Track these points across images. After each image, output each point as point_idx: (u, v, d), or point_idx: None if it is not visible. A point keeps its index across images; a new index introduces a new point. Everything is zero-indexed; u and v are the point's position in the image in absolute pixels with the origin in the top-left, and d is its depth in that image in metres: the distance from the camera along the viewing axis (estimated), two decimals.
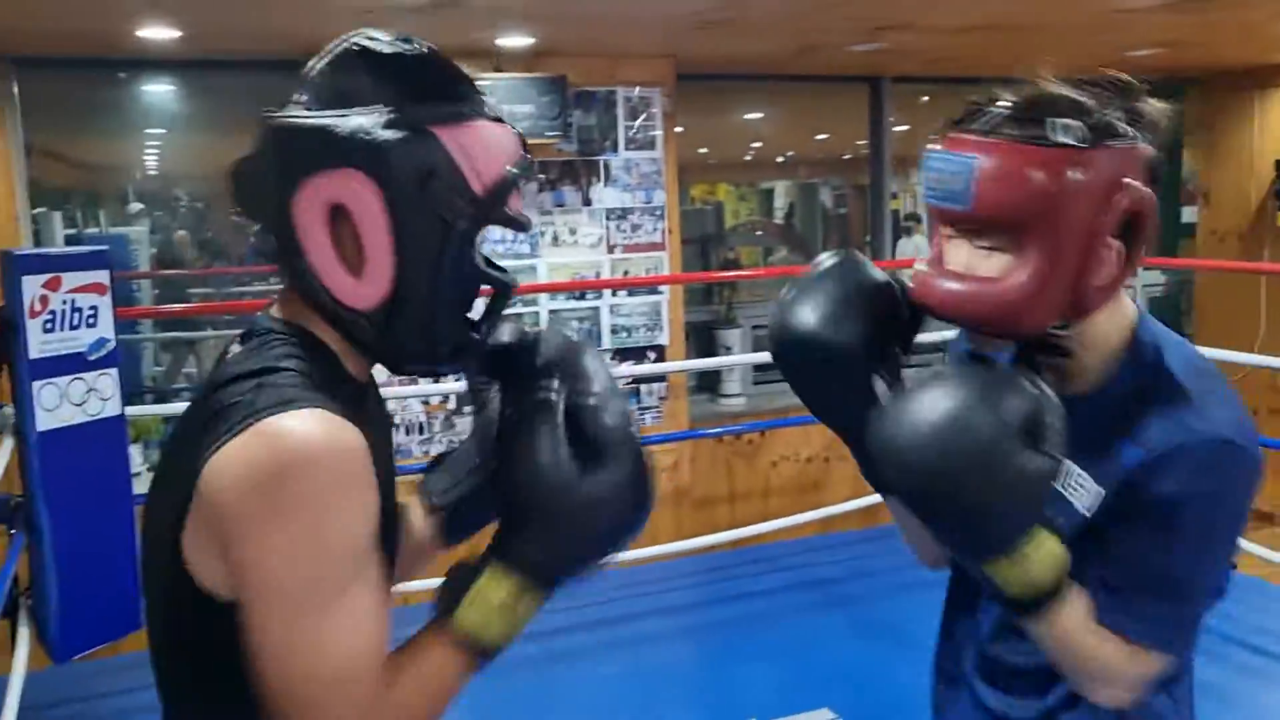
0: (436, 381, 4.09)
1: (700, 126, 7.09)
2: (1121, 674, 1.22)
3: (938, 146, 1.20)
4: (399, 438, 4.40)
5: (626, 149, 4.71)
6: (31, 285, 3.09)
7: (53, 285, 3.12)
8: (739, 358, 5.22)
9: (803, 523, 4.68)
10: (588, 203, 4.66)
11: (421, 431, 4.47)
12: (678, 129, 5.13)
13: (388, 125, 0.98)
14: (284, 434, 0.91)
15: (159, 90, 4.65)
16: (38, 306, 3.09)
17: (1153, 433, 1.19)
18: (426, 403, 4.45)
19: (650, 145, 4.75)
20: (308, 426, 0.92)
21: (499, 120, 1.05)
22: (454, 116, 1.01)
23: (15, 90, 4.02)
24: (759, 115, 7.41)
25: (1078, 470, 1.25)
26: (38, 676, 3.37)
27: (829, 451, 5.21)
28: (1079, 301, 1.18)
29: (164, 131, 5.80)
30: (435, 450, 4.45)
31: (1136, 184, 1.16)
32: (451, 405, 4.50)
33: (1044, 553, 1.15)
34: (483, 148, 1.01)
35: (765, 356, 4.87)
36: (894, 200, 12.15)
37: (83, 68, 4.25)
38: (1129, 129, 1.17)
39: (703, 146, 10.40)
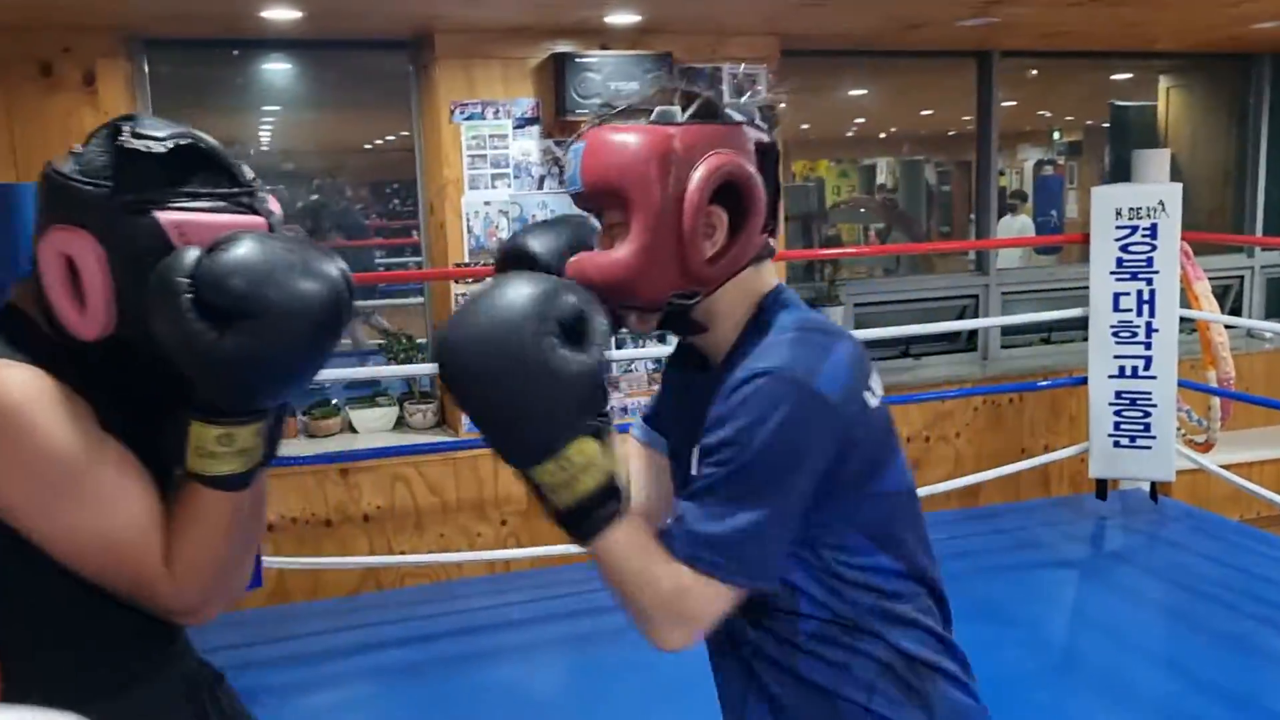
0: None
1: (802, 102, 7.05)
2: (677, 604, 1.21)
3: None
4: None
5: None
6: None
7: None
8: None
9: None
10: None
11: None
12: (780, 105, 5.12)
13: (122, 204, 1.16)
14: None
15: (277, 69, 4.80)
16: None
17: (731, 378, 1.23)
18: None
19: None
20: None
21: (244, 211, 1.23)
22: (180, 204, 1.18)
23: (145, 69, 4.21)
24: (862, 91, 7.33)
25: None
26: None
27: (929, 430, 5.18)
28: (691, 271, 1.25)
29: (280, 109, 5.98)
30: None
31: (727, 153, 1.23)
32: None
33: (588, 455, 1.18)
34: (207, 235, 1.17)
35: (870, 333, 4.84)
36: (1000, 177, 11.94)
37: (207, 47, 4.42)
38: (734, 114, 1.28)
39: (805, 123, 10.33)
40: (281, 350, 1.14)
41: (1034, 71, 6.87)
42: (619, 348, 4.62)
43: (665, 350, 4.69)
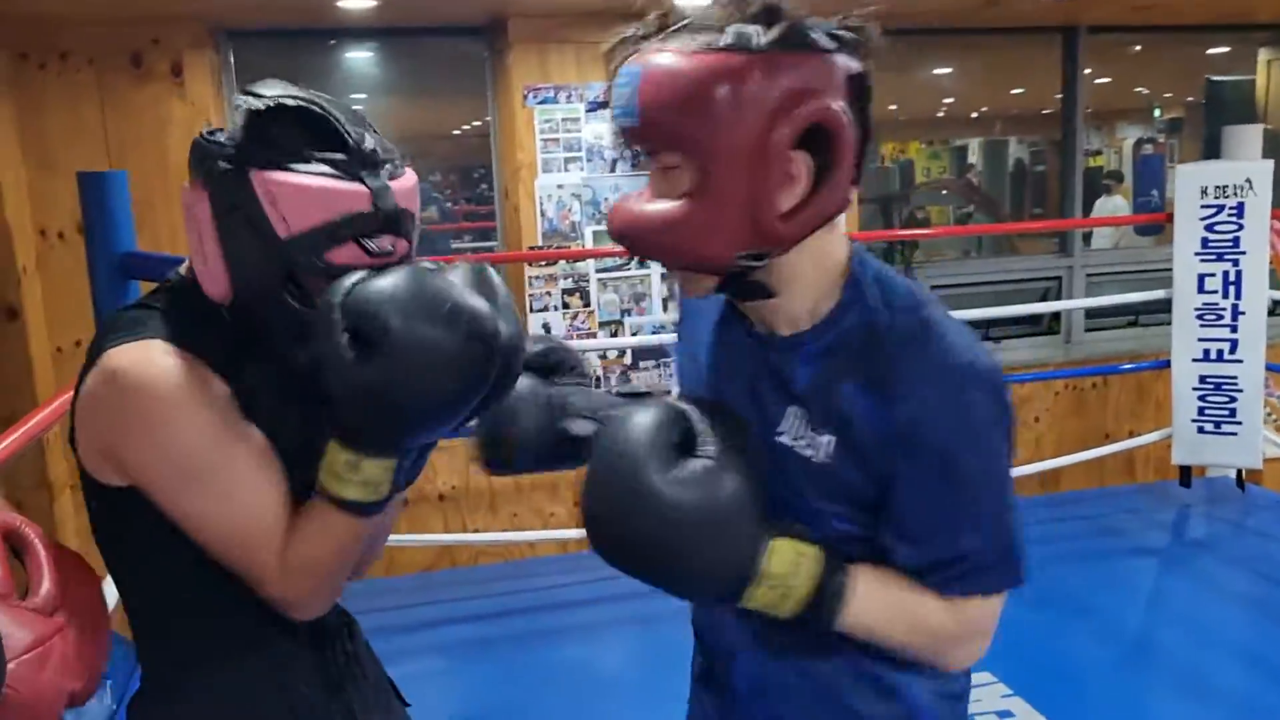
0: (612, 335, 4.22)
1: (889, 83, 6.94)
2: (957, 629, 1.15)
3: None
4: None
5: None
6: None
7: None
8: None
9: None
10: None
11: (599, 385, 4.62)
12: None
13: (223, 158, 1.17)
14: (121, 364, 1.16)
15: (359, 57, 4.91)
16: None
17: (888, 376, 1.09)
18: (604, 356, 4.59)
19: None
20: (135, 356, 1.17)
21: (352, 178, 1.17)
22: (276, 164, 1.15)
23: (231, 60, 4.34)
24: (947, 70, 7.19)
25: (801, 416, 1.15)
26: None
27: None
28: (764, 227, 1.06)
29: (364, 96, 6.10)
30: None
31: (823, 96, 1.04)
32: (628, 360, 4.62)
33: (788, 559, 1.08)
34: (297, 197, 1.14)
35: (965, 315, 4.80)
36: (1096, 157, 11.60)
37: (289, 37, 4.53)
38: (826, 40, 1.06)
39: (892, 104, 10.17)
40: (414, 389, 1.10)
41: (1138, 47, 6.67)
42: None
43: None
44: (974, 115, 12.75)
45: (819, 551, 1.10)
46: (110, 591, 1.80)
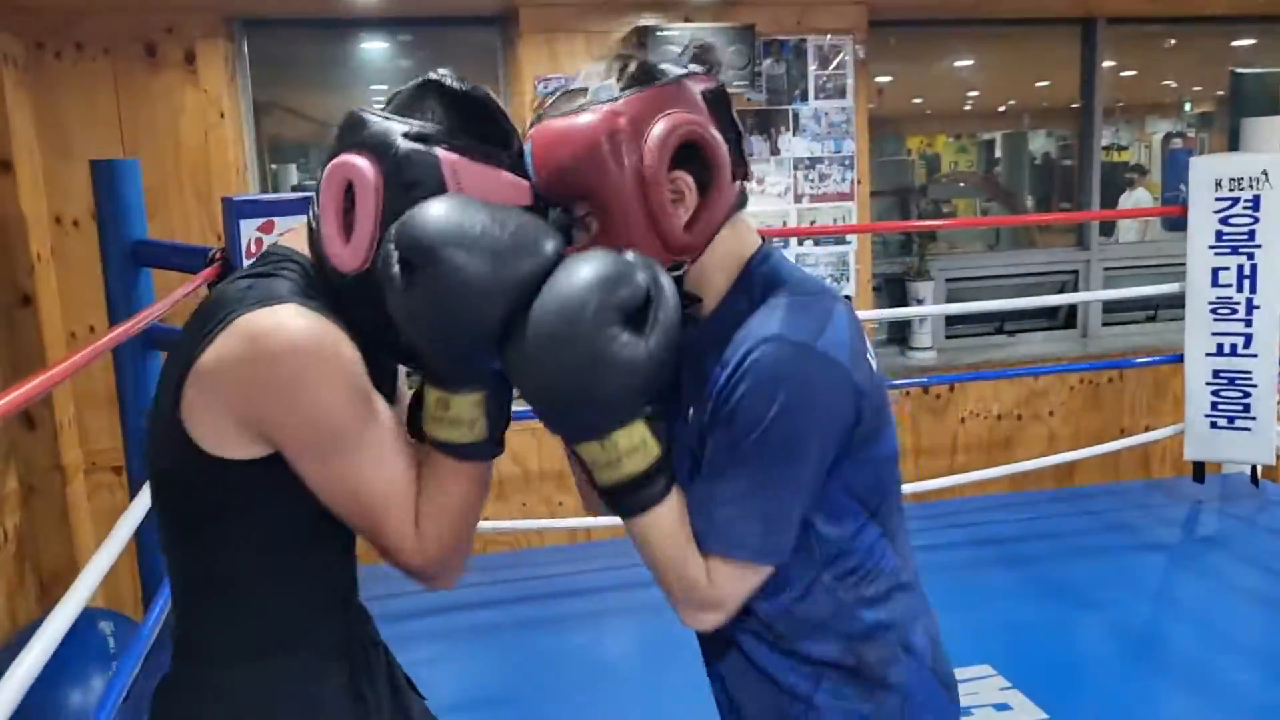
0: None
1: (913, 76, 6.89)
2: (704, 589, 1.21)
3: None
4: None
5: (816, 98, 4.68)
6: (248, 229, 3.39)
7: (266, 229, 3.41)
8: (918, 310, 5.12)
9: (989, 479, 4.59)
10: (776, 152, 4.67)
11: None
12: (886, 78, 5.05)
13: (406, 135, 1.19)
14: (263, 328, 1.14)
15: (371, 48, 4.93)
16: (253, 248, 3.39)
17: (730, 351, 1.20)
18: None
19: (841, 94, 4.70)
20: (279, 319, 1.15)
21: (518, 175, 1.23)
22: (465, 151, 1.20)
23: (245, 50, 4.38)
24: (968, 62, 7.14)
25: (689, 391, 1.27)
26: None
27: (1021, 408, 5.07)
28: (670, 243, 1.20)
29: (383, 87, 6.13)
30: None
31: (675, 114, 1.18)
32: None
33: (635, 440, 1.16)
34: (479, 183, 1.19)
35: (953, 308, 4.77)
36: (1123, 152, 11.46)
37: (301, 27, 4.56)
38: (670, 69, 1.21)
39: (917, 97, 10.08)
40: (448, 310, 1.12)
41: (1172, 41, 6.59)
42: None
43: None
44: (1000, 109, 12.64)
45: (660, 452, 1.19)
46: (87, 577, 1.83)
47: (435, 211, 1.12)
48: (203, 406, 1.18)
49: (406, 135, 1.19)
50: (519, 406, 1.21)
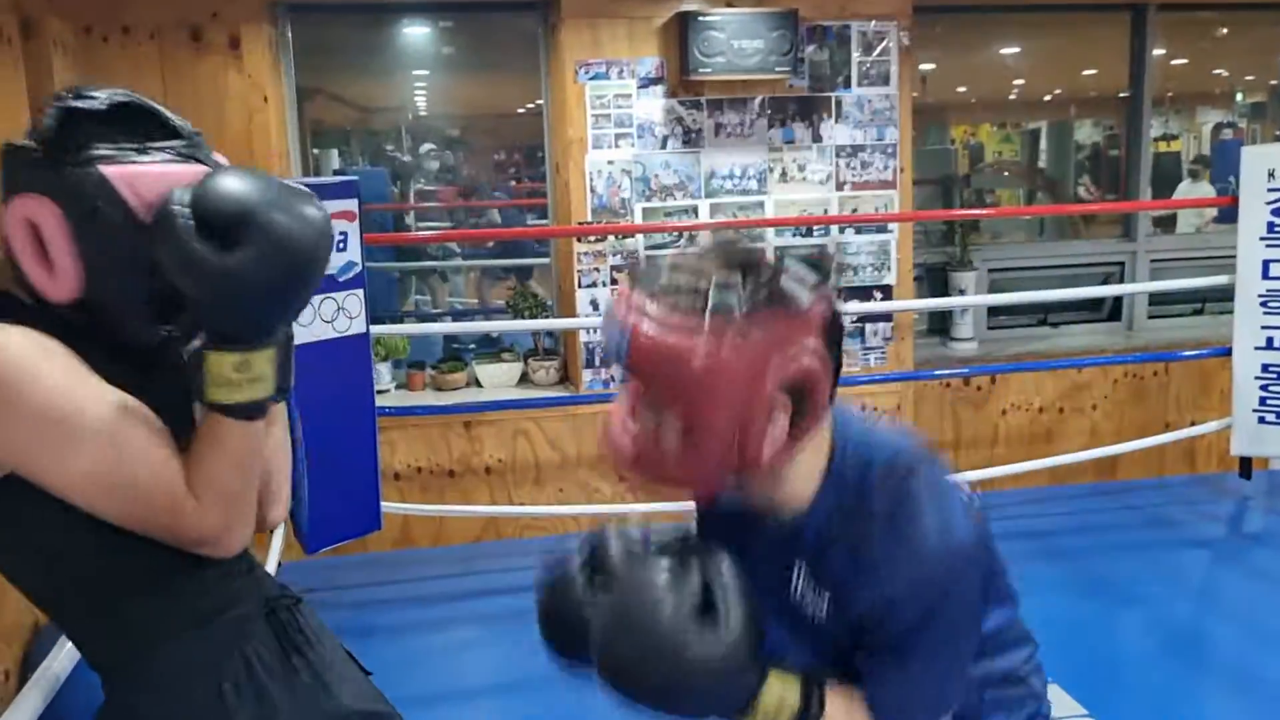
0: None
1: (957, 63, 6.81)
2: None
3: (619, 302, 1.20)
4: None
5: (859, 85, 4.63)
6: None
7: None
8: (959, 300, 5.06)
9: (1029, 472, 4.54)
10: (817, 139, 4.63)
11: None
12: (929, 66, 4.99)
13: (69, 162, 1.21)
14: None
15: (415, 33, 4.95)
16: None
17: (868, 553, 1.22)
18: None
19: (884, 81, 4.65)
20: None
21: (187, 160, 1.27)
22: (126, 158, 1.23)
23: (289, 34, 4.40)
24: (1015, 50, 7.06)
25: (806, 575, 1.30)
26: (291, 566, 3.77)
27: (1064, 401, 5.00)
28: (749, 462, 1.17)
29: (428, 73, 6.16)
30: None
31: (799, 353, 1.15)
32: None
33: (774, 696, 1.20)
34: (154, 185, 1.22)
35: (995, 299, 4.71)
36: (1173, 142, 11.29)
37: (345, 12, 4.58)
38: (798, 291, 1.16)
39: (961, 85, 9.98)
40: (282, 265, 1.19)
41: (1224, 30, 6.48)
42: None
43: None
44: (1046, 98, 12.48)
45: (799, 684, 1.23)
46: None
47: (232, 183, 1.20)
48: None
49: (69, 164, 1.21)
50: (553, 394, 1.25)
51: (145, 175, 1.23)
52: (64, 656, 2.26)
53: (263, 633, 1.41)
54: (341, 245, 3.43)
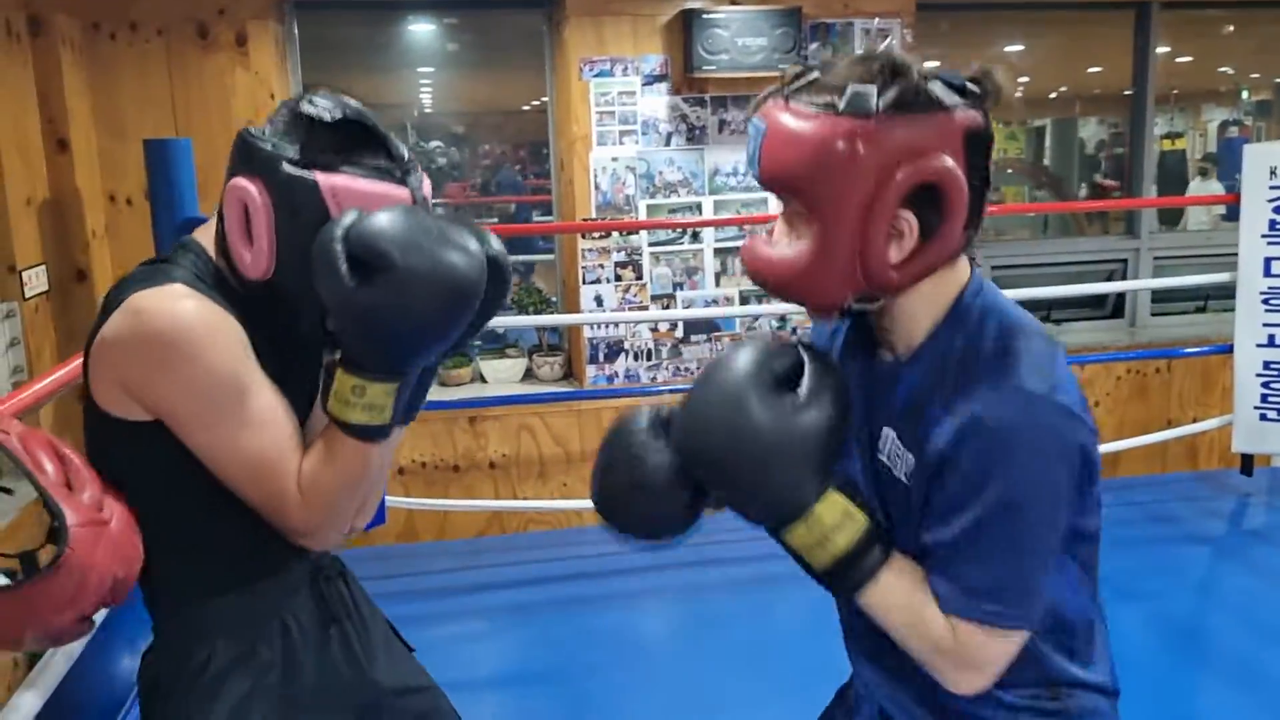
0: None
1: (960, 60, 6.80)
2: (954, 649, 1.15)
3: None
4: (628, 363, 4.59)
5: None
6: None
7: None
8: None
9: None
10: None
11: (650, 358, 4.64)
12: (933, 64, 5.00)
13: (290, 161, 1.32)
14: (147, 306, 1.29)
15: (421, 30, 4.97)
16: None
17: (957, 397, 1.14)
18: (655, 329, 4.61)
19: None
20: (163, 298, 1.30)
21: (396, 181, 1.36)
22: (338, 168, 1.33)
23: (295, 31, 4.42)
24: (1019, 47, 7.06)
25: (894, 437, 1.22)
26: None
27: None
28: (873, 278, 1.14)
29: (430, 70, 6.18)
30: (662, 376, 4.62)
31: (934, 156, 1.09)
32: (679, 334, 4.64)
33: (837, 512, 1.13)
34: (358, 201, 1.32)
35: (1005, 294, 4.73)
36: (1178, 140, 11.28)
37: (352, 9, 4.60)
38: (946, 95, 1.11)
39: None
40: (412, 309, 1.24)
41: (1230, 28, 6.47)
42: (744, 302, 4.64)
43: (794, 308, 4.68)
44: (1051, 95, 12.48)
45: (868, 521, 1.15)
46: None
47: (383, 221, 1.24)
48: (100, 378, 1.33)
49: (290, 162, 1.32)
50: (557, 390, 1.27)
51: (350, 189, 1.33)
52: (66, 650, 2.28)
53: (304, 600, 1.51)
54: None
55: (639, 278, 4.57)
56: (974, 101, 1.14)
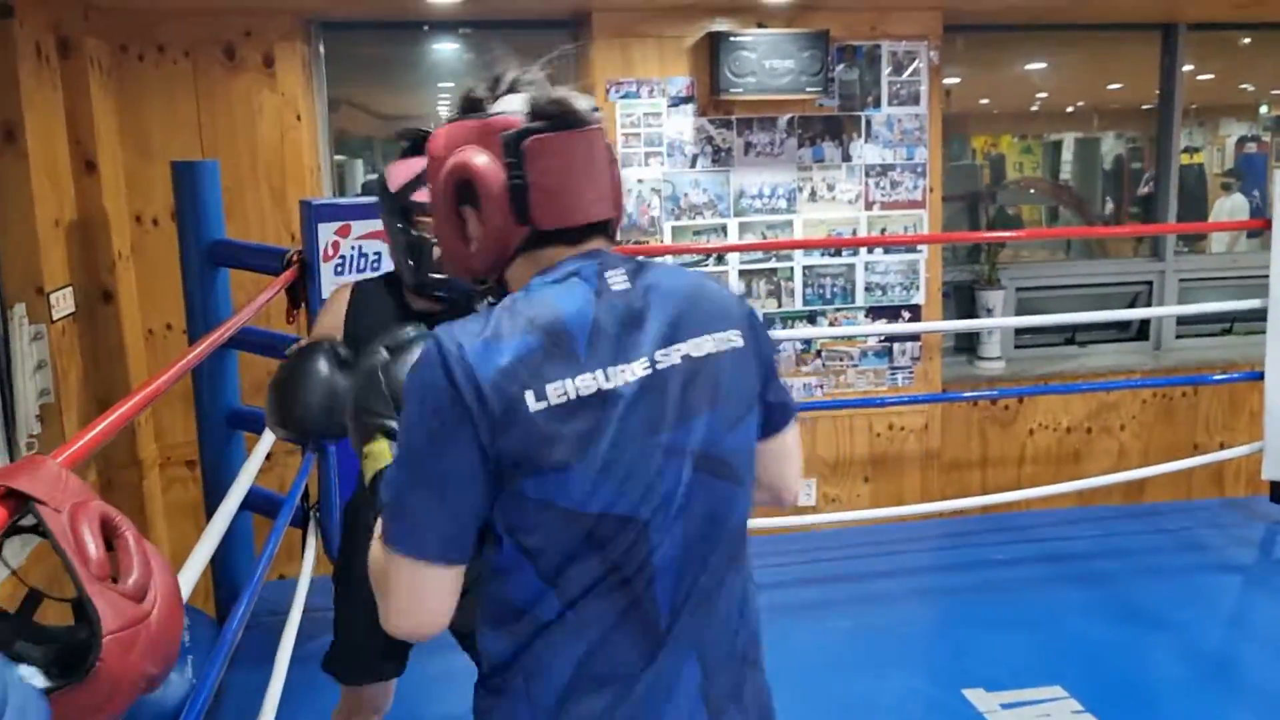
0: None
1: (981, 76, 6.77)
2: (381, 574, 1.21)
3: None
4: None
5: (889, 104, 4.63)
6: (326, 232, 3.43)
7: (343, 232, 3.44)
8: (987, 322, 5.04)
9: (1058, 494, 4.51)
10: (847, 159, 4.63)
11: None
12: (954, 80, 4.98)
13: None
14: None
15: (446, 49, 4.97)
16: (330, 251, 3.42)
17: None
18: None
19: (914, 100, 4.65)
20: None
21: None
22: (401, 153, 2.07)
23: (321, 51, 4.42)
24: (1041, 65, 7.03)
25: None
26: (322, 580, 3.77)
27: (1091, 422, 4.98)
28: (458, 264, 1.32)
29: (453, 85, 6.17)
30: None
31: (463, 152, 1.25)
32: None
33: (381, 452, 1.34)
34: (397, 170, 2.05)
35: (1023, 320, 4.69)
36: (1196, 154, 11.19)
37: (377, 29, 4.60)
38: (491, 104, 1.27)
39: (983, 97, 9.91)
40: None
41: (1246, 40, 6.43)
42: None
43: (815, 332, 4.66)
44: (1070, 110, 12.40)
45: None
46: (184, 576, 1.85)
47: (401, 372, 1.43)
48: None
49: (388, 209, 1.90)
50: None
51: (394, 168, 2.04)
52: None
53: None
54: (376, 265, 3.45)
55: None
56: (524, 109, 1.26)
